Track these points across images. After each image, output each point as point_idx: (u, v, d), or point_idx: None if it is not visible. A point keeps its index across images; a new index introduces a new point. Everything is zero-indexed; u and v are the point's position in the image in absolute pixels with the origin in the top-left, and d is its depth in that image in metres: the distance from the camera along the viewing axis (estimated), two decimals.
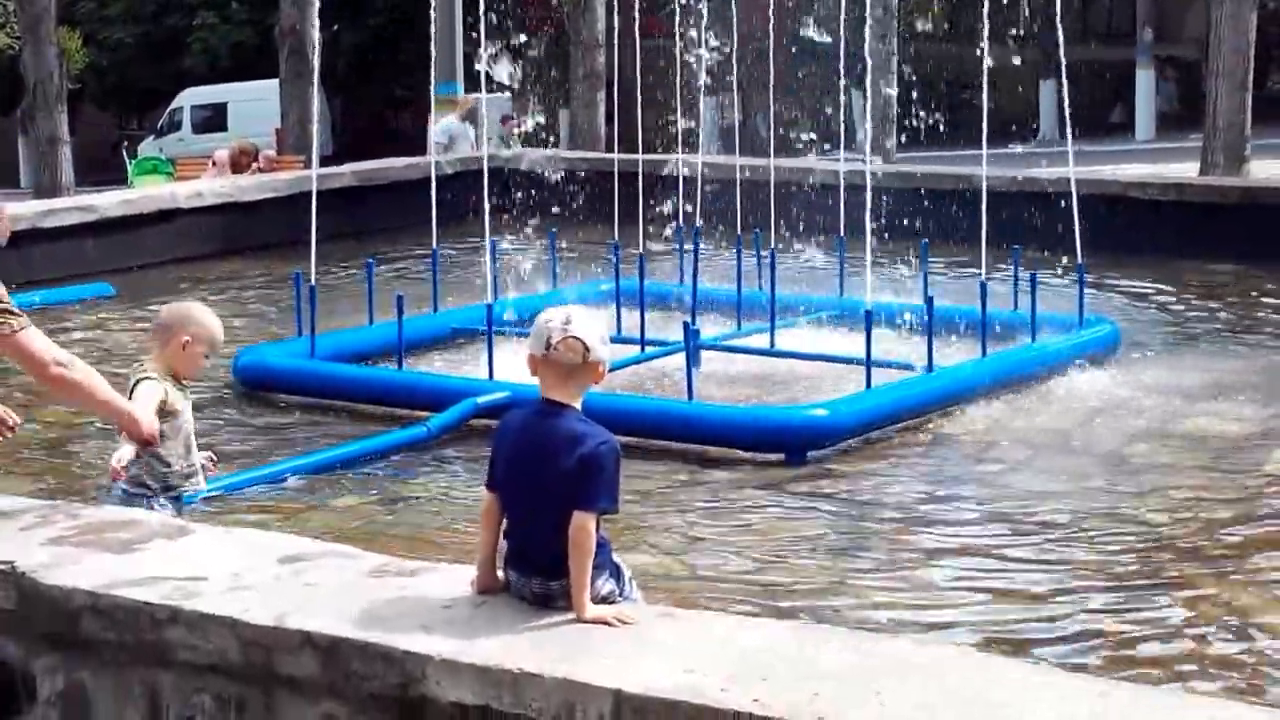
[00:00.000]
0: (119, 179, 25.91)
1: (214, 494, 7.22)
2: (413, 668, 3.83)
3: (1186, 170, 20.24)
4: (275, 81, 23.39)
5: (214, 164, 18.59)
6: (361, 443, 8.40)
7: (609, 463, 4.35)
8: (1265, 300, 12.32)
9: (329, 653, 3.92)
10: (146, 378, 6.17)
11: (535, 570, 4.26)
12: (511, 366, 9.48)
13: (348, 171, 16.69)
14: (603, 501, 4.27)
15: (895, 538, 6.94)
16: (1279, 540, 6.82)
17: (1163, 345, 10.64)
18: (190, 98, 37.90)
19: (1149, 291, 12.74)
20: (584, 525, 4.22)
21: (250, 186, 15.79)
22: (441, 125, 19.77)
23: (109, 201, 15.01)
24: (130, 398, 5.96)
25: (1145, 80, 36.00)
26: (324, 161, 20.02)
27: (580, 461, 4.34)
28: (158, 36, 40.32)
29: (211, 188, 15.93)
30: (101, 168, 32.21)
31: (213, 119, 36.72)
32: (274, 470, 7.90)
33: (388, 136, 35.89)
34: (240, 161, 18.15)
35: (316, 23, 12.75)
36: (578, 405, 4.54)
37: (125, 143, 33.80)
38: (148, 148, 34.29)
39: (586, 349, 4.48)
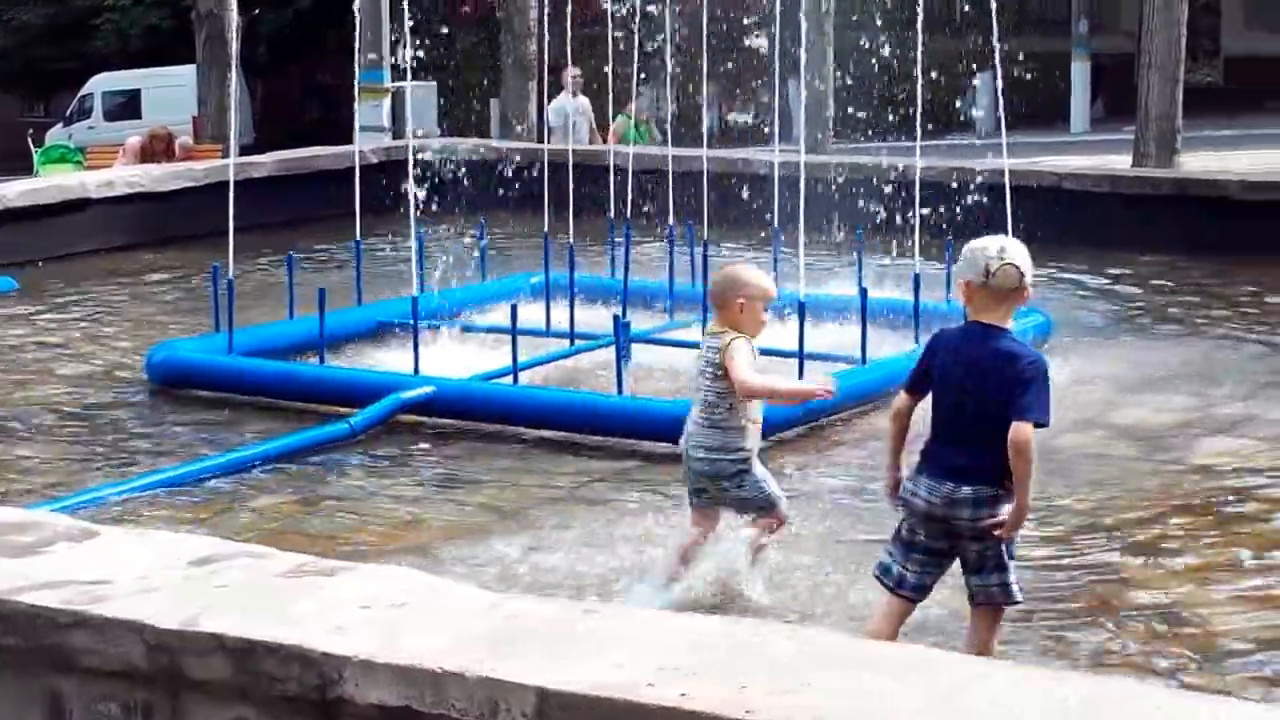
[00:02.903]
0: (24, 167, 25.31)
1: (128, 496, 7.10)
2: (330, 669, 3.75)
3: (1120, 162, 20.38)
4: (192, 67, 22.99)
5: (124, 152, 18.20)
6: (281, 440, 8.22)
7: (1042, 378, 5.09)
8: (1197, 291, 12.38)
9: (241, 655, 3.83)
10: (737, 337, 6.07)
11: (954, 475, 5.09)
12: (437, 360, 9.38)
13: (268, 160, 16.45)
14: (1037, 412, 5.03)
15: (829, 530, 6.87)
16: (1206, 530, 6.85)
17: (1096, 336, 10.65)
18: (102, 83, 37.18)
19: (1083, 282, 12.76)
20: (1025, 432, 4.99)
21: (165, 176, 15.50)
22: (555, 106, 19.24)
23: (13, 191, 14.63)
24: (727, 356, 6.00)
25: (1080, 72, 36.32)
26: (244, 150, 19.74)
27: (1018, 376, 5.04)
28: (65, 18, 39.36)
29: (123, 177, 15.56)
30: (5, 155, 31.57)
31: (126, 106, 36.08)
32: (187, 471, 7.72)
33: (313, 126, 35.63)
34: (153, 147, 17.77)
35: (235, 6, 12.52)
36: (1010, 326, 5.20)
37: (30, 130, 33.12)
38: (56, 135, 33.65)
39: (1021, 275, 5.08)
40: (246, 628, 3.86)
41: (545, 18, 13.96)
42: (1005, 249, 5.10)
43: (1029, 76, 21.18)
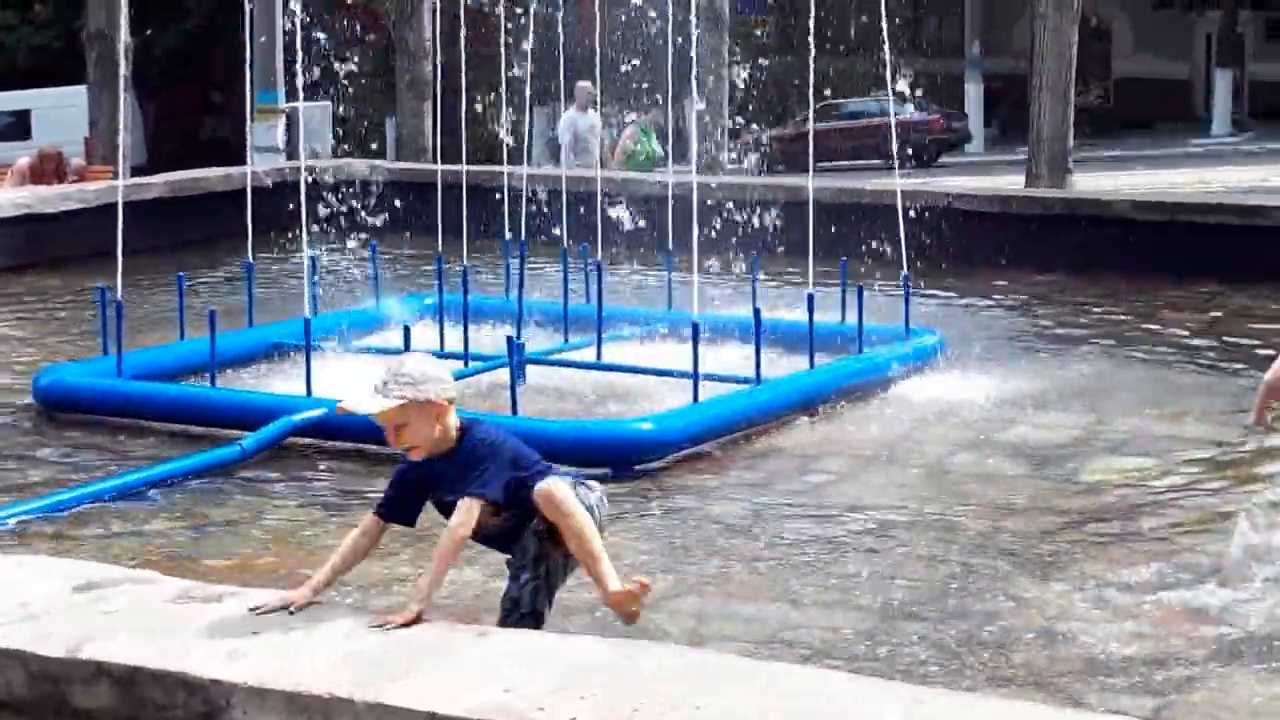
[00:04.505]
0: None
1: (12, 522, 7.00)
2: (217, 696, 3.71)
3: (1013, 182, 20.63)
4: (83, 88, 22.77)
5: (12, 173, 17.89)
6: (171, 464, 8.12)
7: None
8: (1088, 310, 12.53)
9: (127, 683, 3.78)
10: None
11: None
12: (330, 382, 9.31)
13: (159, 182, 16.26)
14: None
15: (721, 551, 6.88)
16: (1093, 547, 6.91)
17: (989, 355, 10.73)
18: None
19: (974, 302, 12.88)
20: None
21: (54, 197, 15.26)
22: (565, 120, 18.82)
23: None
24: None
25: (974, 94, 36.88)
26: (136, 171, 19.50)
27: None
28: None
29: (11, 198, 15.32)
30: None
31: (15, 126, 35.53)
32: (75, 495, 7.59)
33: (208, 146, 35.31)
34: (43, 168, 17.52)
35: (126, 25, 12.36)
36: None
37: None
38: None
39: None
40: (131, 655, 3.81)
41: (439, 38, 13.95)
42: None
43: (920, 95, 21.41)
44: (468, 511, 4.63)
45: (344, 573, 4.77)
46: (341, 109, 21.39)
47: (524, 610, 4.92)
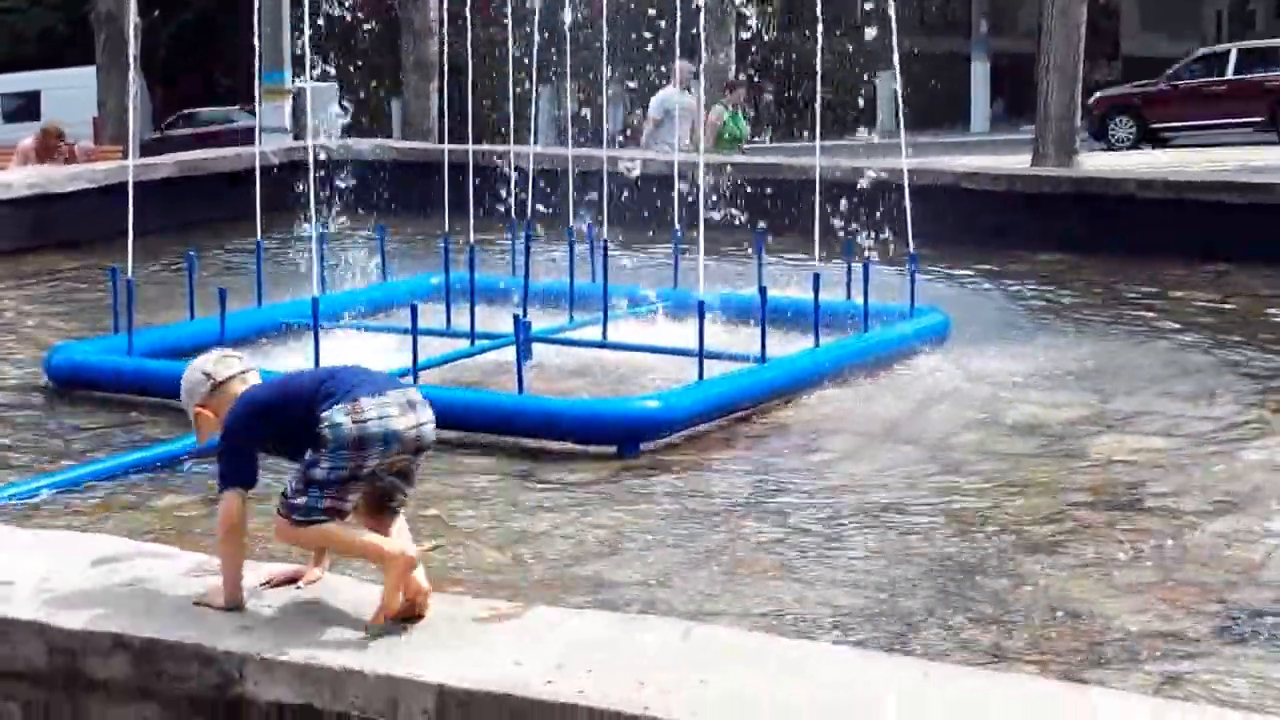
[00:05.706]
0: None
1: (17, 500, 7.04)
2: (229, 667, 3.76)
3: (1019, 162, 20.63)
4: (92, 69, 22.85)
5: (17, 153, 17.85)
6: (181, 440, 8.16)
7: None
8: (1095, 289, 12.55)
9: (141, 655, 3.82)
10: None
11: None
12: (338, 360, 9.34)
13: (170, 161, 16.30)
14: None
15: (726, 528, 6.92)
16: (1100, 525, 6.94)
17: (995, 334, 10.77)
18: None
19: (982, 281, 12.91)
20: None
21: (64, 177, 15.30)
22: (660, 97, 18.66)
23: None
24: None
25: (980, 73, 36.85)
26: (145, 151, 19.56)
27: None
28: None
29: (21, 178, 15.37)
30: None
31: (25, 107, 35.68)
32: (85, 472, 7.65)
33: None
34: (46, 144, 17.50)
35: (134, 7, 12.40)
36: None
37: None
38: None
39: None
40: (146, 627, 3.86)
41: (446, 17, 13.97)
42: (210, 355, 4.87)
43: (930, 80, 21.40)
44: (223, 504, 4.41)
45: None
46: (347, 89, 21.39)
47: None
